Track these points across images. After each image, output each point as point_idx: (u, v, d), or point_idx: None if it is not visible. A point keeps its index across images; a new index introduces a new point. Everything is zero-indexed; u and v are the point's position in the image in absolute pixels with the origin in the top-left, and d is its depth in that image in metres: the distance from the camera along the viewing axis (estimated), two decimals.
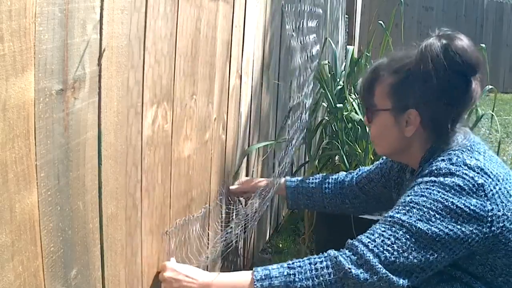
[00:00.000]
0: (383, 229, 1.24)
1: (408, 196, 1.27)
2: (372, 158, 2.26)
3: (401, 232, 1.22)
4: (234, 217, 1.77)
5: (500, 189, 1.25)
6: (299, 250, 2.50)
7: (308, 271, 1.22)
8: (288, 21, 2.19)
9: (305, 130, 2.26)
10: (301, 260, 1.26)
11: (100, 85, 0.94)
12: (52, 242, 0.86)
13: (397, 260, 1.20)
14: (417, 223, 1.22)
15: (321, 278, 1.21)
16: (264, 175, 2.27)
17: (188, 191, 1.43)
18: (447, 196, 1.23)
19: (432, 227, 1.21)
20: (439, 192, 1.23)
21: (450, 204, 1.22)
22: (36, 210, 0.81)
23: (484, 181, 1.24)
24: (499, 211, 1.23)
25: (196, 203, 1.51)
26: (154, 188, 1.22)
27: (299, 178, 1.84)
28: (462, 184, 1.23)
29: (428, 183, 1.26)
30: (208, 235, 1.62)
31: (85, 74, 0.90)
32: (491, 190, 1.23)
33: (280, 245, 2.61)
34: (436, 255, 1.22)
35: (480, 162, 1.27)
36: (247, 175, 2.00)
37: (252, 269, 1.25)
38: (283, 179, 1.85)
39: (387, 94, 1.37)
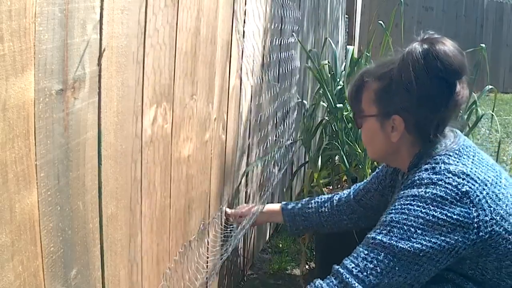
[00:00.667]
0: (366, 252, 1.25)
1: (390, 214, 1.27)
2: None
3: (383, 254, 1.22)
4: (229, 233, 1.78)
5: (488, 193, 1.24)
6: (299, 250, 2.50)
7: None
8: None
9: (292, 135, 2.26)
10: None
11: (100, 85, 0.94)
12: (52, 242, 0.86)
13: (382, 282, 1.21)
14: (399, 242, 1.22)
15: None
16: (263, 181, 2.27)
17: (188, 191, 1.43)
18: (428, 209, 1.22)
19: (415, 244, 1.21)
20: (419, 207, 1.23)
21: (431, 218, 1.22)
22: (36, 210, 0.81)
23: (470, 187, 1.23)
24: (486, 216, 1.22)
25: (196, 203, 1.51)
26: (154, 188, 1.22)
27: (294, 202, 1.84)
28: (444, 195, 1.22)
29: (408, 198, 1.26)
30: (207, 249, 1.62)
31: (85, 74, 0.90)
32: (477, 196, 1.23)
33: (280, 245, 2.61)
34: (422, 269, 1.22)
35: (466, 167, 1.26)
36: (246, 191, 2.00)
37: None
38: (278, 205, 1.84)
39: (372, 101, 1.39)
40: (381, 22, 2.57)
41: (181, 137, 1.33)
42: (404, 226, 1.23)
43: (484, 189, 1.24)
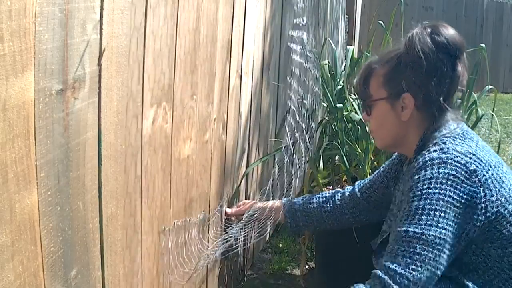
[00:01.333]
0: (402, 248, 1.26)
1: (413, 201, 1.29)
2: (372, 158, 2.26)
3: (418, 246, 1.25)
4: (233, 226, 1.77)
5: (492, 174, 1.29)
6: (299, 250, 2.50)
7: None
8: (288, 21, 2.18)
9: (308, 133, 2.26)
10: None
11: (100, 85, 0.94)
12: (52, 242, 0.86)
13: (424, 274, 1.24)
14: (429, 230, 1.25)
15: None
16: (263, 179, 2.27)
17: (188, 191, 1.43)
18: (445, 190, 1.27)
19: (442, 230, 1.25)
20: (436, 189, 1.27)
21: (448, 198, 1.26)
22: (36, 210, 0.81)
23: (477, 166, 1.28)
24: (492, 196, 1.28)
25: (196, 203, 1.51)
26: (154, 188, 1.22)
27: (296, 198, 1.83)
28: (455, 173, 1.27)
29: (425, 182, 1.29)
30: (208, 239, 1.62)
31: (85, 74, 0.90)
32: (484, 175, 1.28)
33: (280, 245, 2.61)
34: (446, 255, 1.26)
35: (472, 148, 1.32)
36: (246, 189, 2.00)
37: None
38: (279, 201, 1.83)
39: (381, 84, 1.45)
40: (381, 22, 2.57)
41: (181, 137, 1.33)
42: (430, 212, 1.26)
43: (489, 169, 1.29)
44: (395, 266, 1.25)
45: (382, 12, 6.93)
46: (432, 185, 1.28)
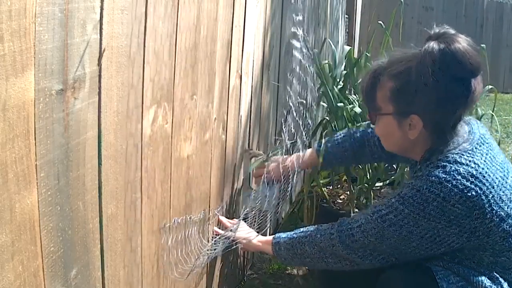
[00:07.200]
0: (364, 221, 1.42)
1: (395, 197, 1.35)
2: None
3: (373, 233, 1.39)
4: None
5: (493, 196, 1.26)
6: None
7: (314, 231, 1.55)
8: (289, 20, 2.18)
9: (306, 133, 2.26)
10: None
11: (100, 85, 0.94)
12: (52, 242, 0.86)
13: (363, 256, 1.43)
14: (391, 231, 1.35)
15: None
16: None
17: (188, 191, 1.43)
18: (424, 212, 1.28)
19: (403, 238, 1.33)
20: (418, 203, 1.29)
21: (423, 220, 1.29)
22: (36, 210, 0.81)
23: (476, 192, 1.24)
24: (486, 218, 1.25)
25: (197, 204, 1.51)
26: (154, 188, 1.22)
27: (328, 141, 1.87)
28: (447, 197, 1.25)
29: (412, 191, 1.30)
30: (208, 239, 1.62)
31: (85, 74, 0.90)
32: (482, 200, 1.25)
33: None
34: (401, 252, 1.37)
35: (477, 168, 1.27)
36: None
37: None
38: (309, 150, 1.88)
39: (388, 99, 1.38)
40: (381, 22, 2.57)
41: (181, 137, 1.33)
42: (399, 222, 1.32)
43: (490, 192, 1.26)
44: (350, 229, 1.42)
45: (382, 12, 6.94)
46: (416, 198, 1.29)
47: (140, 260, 1.19)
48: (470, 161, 1.28)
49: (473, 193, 1.24)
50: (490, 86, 2.42)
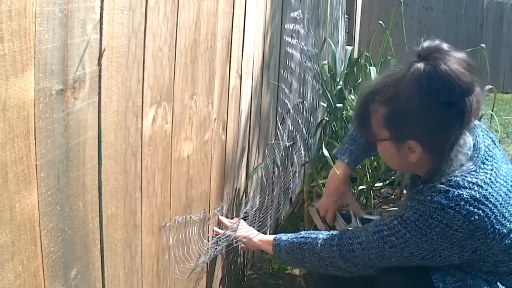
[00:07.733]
0: (366, 240, 1.41)
1: (396, 218, 1.35)
2: (372, 158, 2.25)
3: (374, 252, 1.40)
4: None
5: (496, 216, 1.24)
6: None
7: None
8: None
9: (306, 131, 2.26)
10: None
11: (100, 85, 0.94)
12: (52, 242, 0.86)
13: (361, 269, 1.45)
14: (391, 252, 1.36)
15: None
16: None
17: (188, 191, 1.43)
18: (426, 236, 1.28)
19: (400, 256, 1.35)
20: (420, 228, 1.28)
21: (425, 243, 1.29)
22: (36, 210, 0.81)
23: (479, 215, 1.23)
24: (487, 238, 1.24)
25: (196, 203, 1.51)
26: (154, 188, 1.22)
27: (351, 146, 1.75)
28: (449, 223, 1.24)
29: (415, 215, 1.29)
30: (208, 239, 1.62)
31: (85, 74, 0.90)
32: (485, 222, 1.23)
33: None
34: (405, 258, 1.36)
35: (481, 189, 1.24)
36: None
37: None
38: (336, 165, 1.74)
39: (382, 125, 1.34)
40: (381, 22, 2.57)
41: (181, 137, 1.33)
42: (400, 245, 1.33)
43: (493, 212, 1.24)
44: (350, 244, 1.42)
45: (382, 12, 6.93)
46: (418, 223, 1.28)
47: (140, 260, 1.19)
48: (473, 183, 1.25)
49: (476, 217, 1.23)
50: (490, 86, 2.42)
